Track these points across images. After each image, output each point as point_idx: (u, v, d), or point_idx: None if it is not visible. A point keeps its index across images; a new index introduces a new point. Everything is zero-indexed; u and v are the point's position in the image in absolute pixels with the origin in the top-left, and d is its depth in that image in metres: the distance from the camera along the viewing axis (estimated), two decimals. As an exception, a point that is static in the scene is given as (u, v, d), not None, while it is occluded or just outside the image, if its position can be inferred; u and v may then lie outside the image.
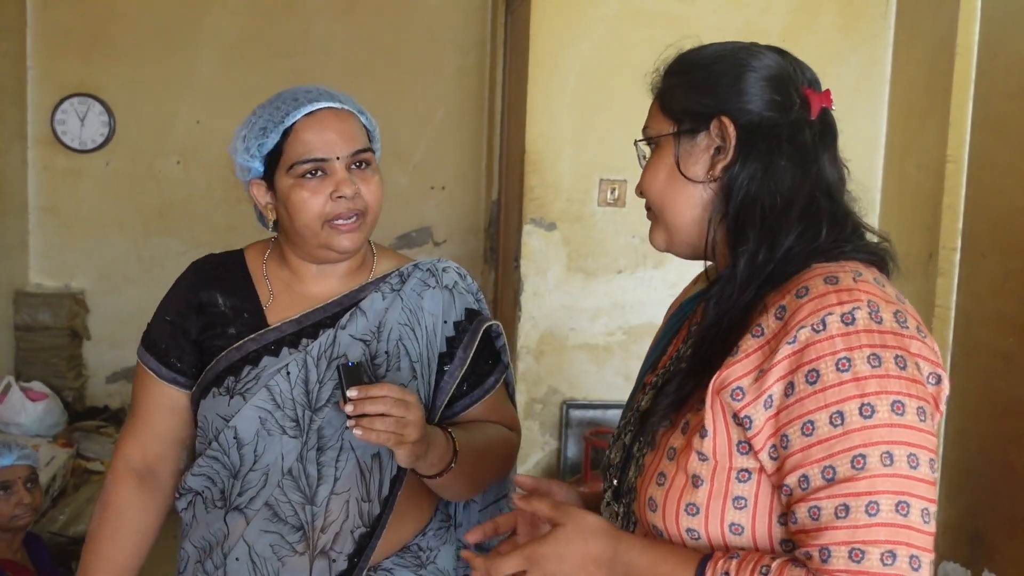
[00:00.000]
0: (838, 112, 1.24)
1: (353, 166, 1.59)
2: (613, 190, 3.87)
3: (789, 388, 1.04)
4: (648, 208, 1.28)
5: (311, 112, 1.58)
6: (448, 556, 1.72)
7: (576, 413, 3.96)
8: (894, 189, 3.78)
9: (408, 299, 1.65)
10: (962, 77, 3.30)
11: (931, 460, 1.03)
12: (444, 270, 1.71)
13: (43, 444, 4.19)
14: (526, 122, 3.87)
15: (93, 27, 5.07)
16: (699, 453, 1.11)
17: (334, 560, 1.58)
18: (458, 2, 5.25)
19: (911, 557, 1.00)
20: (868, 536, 1.00)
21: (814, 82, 1.23)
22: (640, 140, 1.29)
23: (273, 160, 1.59)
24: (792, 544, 1.07)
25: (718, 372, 1.09)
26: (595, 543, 1.14)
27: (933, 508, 1.03)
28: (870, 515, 1.00)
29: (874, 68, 3.88)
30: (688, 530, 1.12)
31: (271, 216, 1.64)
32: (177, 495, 1.67)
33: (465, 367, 1.66)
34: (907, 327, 1.07)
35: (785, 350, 1.05)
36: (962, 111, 3.31)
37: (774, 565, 1.04)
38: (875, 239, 1.20)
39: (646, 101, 1.30)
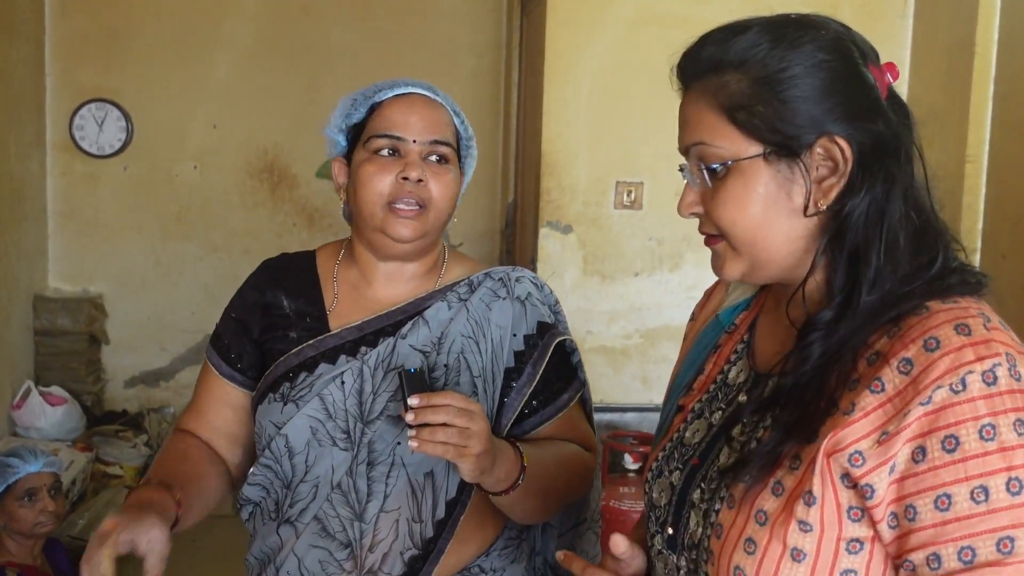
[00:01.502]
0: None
1: (431, 158, 1.54)
2: (629, 192, 3.85)
3: (919, 453, 0.91)
4: (715, 237, 1.09)
5: (402, 94, 1.56)
6: None
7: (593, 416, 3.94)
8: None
9: (475, 310, 1.58)
10: (981, 76, 3.28)
11: None
12: (517, 280, 1.63)
13: (62, 448, 4.22)
14: (542, 124, 3.86)
15: (111, 33, 5.10)
16: (801, 523, 0.97)
17: None
18: (473, 4, 5.25)
19: None
20: None
21: (872, 55, 1.07)
22: (709, 166, 1.05)
23: (356, 135, 1.58)
24: None
25: (831, 433, 0.95)
26: None
27: None
28: None
29: (892, 68, 3.85)
30: None
31: (342, 199, 1.60)
32: (239, 505, 1.63)
33: (534, 384, 1.57)
34: None
35: (917, 411, 0.91)
36: (981, 111, 3.29)
37: None
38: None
39: (663, 102, 1.20)
